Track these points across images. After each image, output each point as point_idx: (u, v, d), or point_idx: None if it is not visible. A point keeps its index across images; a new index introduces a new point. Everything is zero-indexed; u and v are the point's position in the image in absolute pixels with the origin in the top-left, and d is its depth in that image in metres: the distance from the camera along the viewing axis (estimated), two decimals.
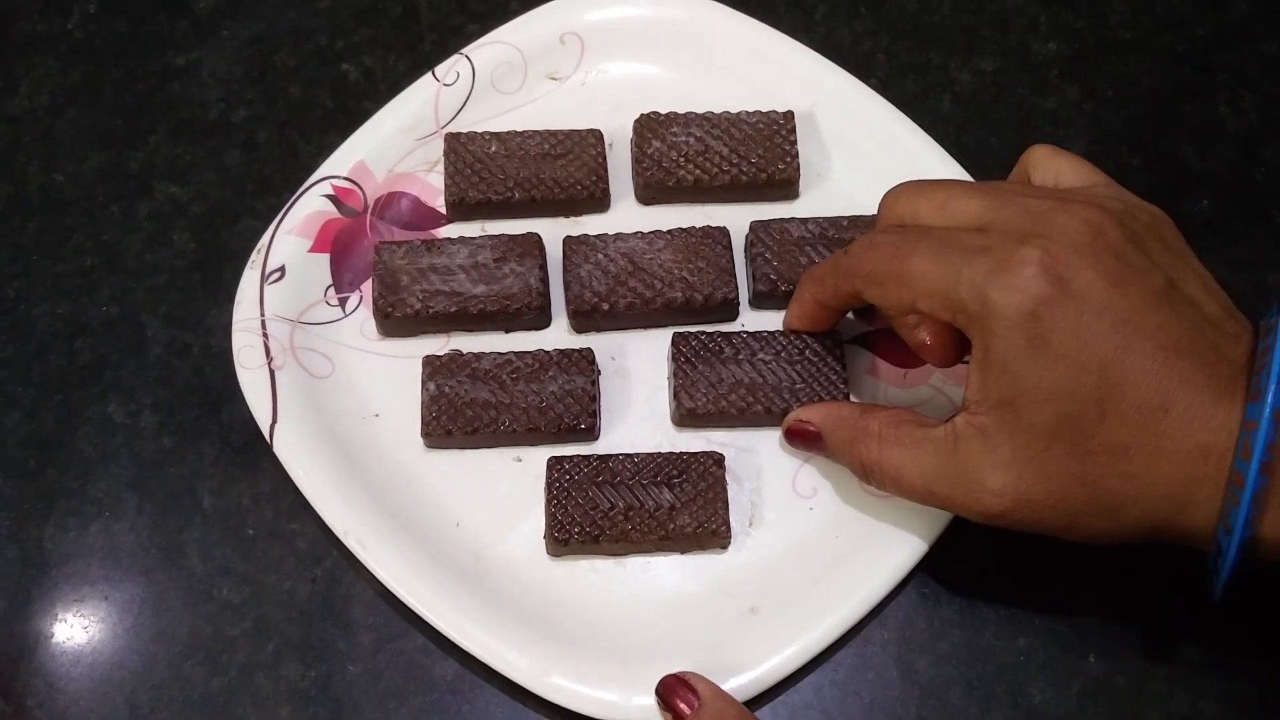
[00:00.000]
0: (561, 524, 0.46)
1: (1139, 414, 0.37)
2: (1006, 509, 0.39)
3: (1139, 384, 0.37)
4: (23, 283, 0.53)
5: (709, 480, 0.47)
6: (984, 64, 0.58)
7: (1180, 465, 0.37)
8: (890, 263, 0.41)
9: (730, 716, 0.42)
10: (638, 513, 0.46)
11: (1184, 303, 0.39)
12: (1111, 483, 0.38)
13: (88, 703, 0.45)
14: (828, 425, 0.45)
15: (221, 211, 0.54)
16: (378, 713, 0.45)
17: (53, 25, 0.58)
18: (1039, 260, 0.38)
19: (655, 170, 0.52)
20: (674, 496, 0.46)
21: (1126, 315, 0.37)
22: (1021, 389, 0.38)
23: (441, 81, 0.54)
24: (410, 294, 0.50)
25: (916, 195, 0.43)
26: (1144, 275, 0.38)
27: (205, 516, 0.48)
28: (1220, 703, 0.45)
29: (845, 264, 0.43)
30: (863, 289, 0.43)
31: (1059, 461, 0.38)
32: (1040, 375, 0.38)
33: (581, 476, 0.46)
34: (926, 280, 0.40)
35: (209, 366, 0.51)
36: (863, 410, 0.45)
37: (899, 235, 0.42)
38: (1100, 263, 0.38)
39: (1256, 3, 0.59)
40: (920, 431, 0.42)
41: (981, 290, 0.38)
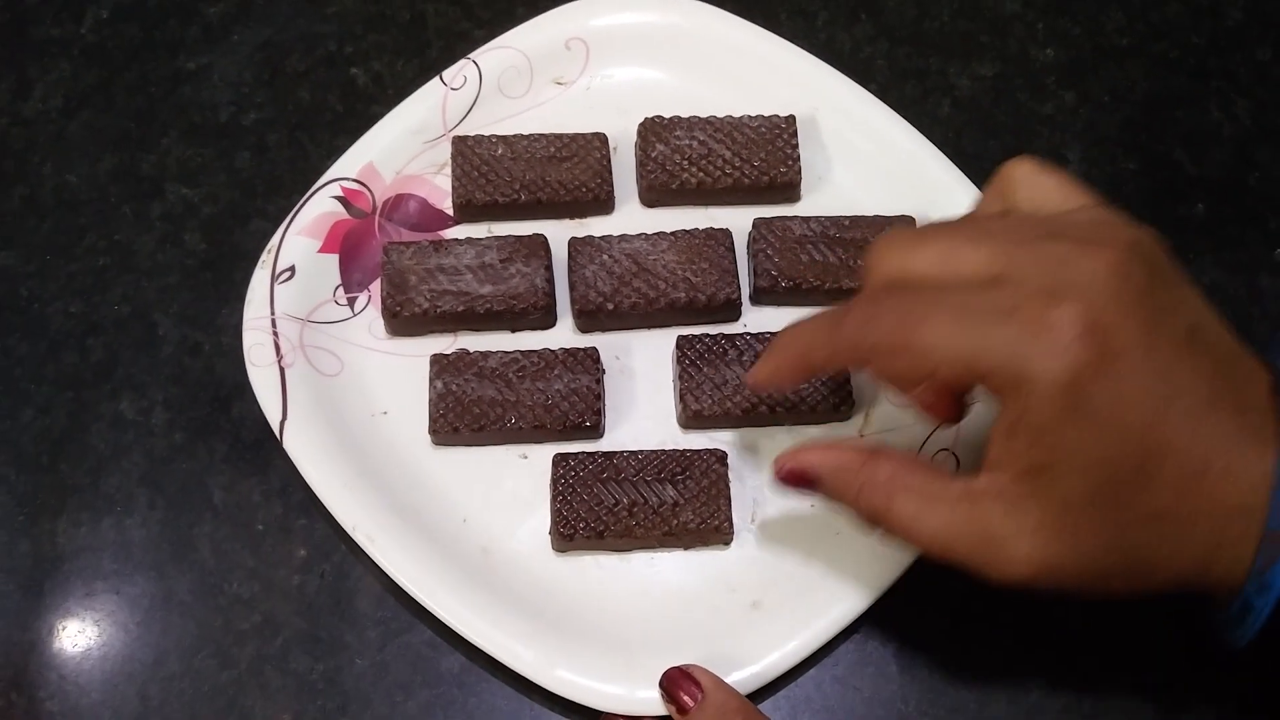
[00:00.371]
0: (567, 520, 0.46)
1: (1179, 478, 0.35)
2: (1032, 576, 0.37)
3: (1179, 446, 0.35)
4: (36, 282, 0.53)
5: (712, 477, 0.47)
6: (983, 69, 0.59)
7: (1217, 525, 0.35)
8: (900, 333, 0.37)
9: (732, 708, 0.43)
10: (641, 509, 0.47)
11: (1208, 345, 0.36)
12: (1146, 549, 0.36)
13: (99, 695, 0.46)
14: (827, 469, 0.41)
15: (232, 212, 0.55)
16: (385, 705, 0.46)
17: (66, 29, 0.59)
18: (1079, 320, 0.34)
19: (659, 173, 0.53)
20: (677, 493, 0.47)
21: (1164, 370, 0.35)
22: (1058, 457, 0.35)
23: (449, 86, 0.55)
24: (418, 293, 0.50)
25: (911, 249, 0.39)
26: (1171, 318, 0.36)
27: (215, 512, 0.49)
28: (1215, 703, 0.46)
29: (844, 335, 0.39)
30: (867, 361, 0.39)
31: (1093, 531, 0.36)
32: (1079, 444, 0.35)
33: (586, 473, 0.47)
34: (946, 350, 0.36)
35: (219, 364, 0.52)
36: (868, 455, 0.40)
37: (902, 299, 0.38)
38: (1135, 313, 0.35)
39: (1250, 11, 0.60)
40: (935, 484, 0.39)
41: (1016, 357, 0.35)
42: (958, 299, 0.36)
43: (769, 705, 0.46)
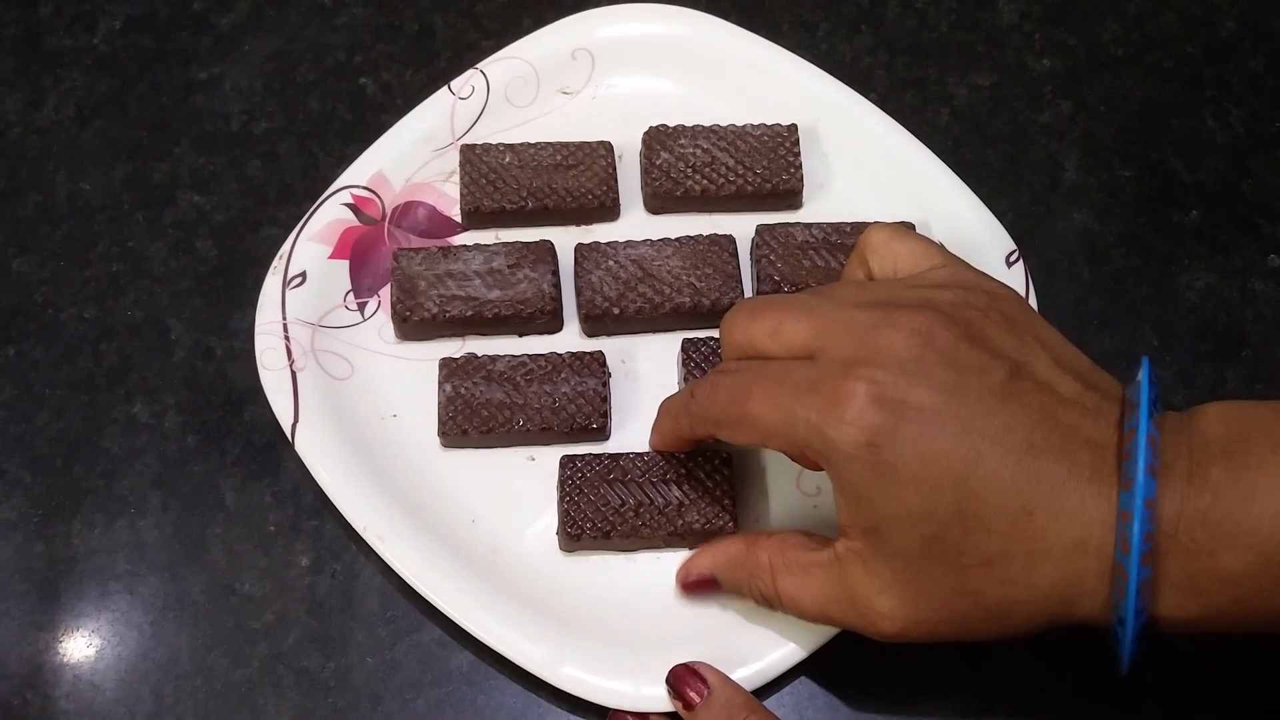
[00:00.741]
0: (574, 520, 0.47)
1: (1003, 522, 0.36)
2: (901, 630, 0.39)
3: (996, 491, 0.36)
4: (51, 288, 0.54)
5: (716, 479, 0.48)
6: (981, 79, 0.60)
7: (1059, 563, 0.36)
8: (730, 407, 0.41)
9: (738, 704, 0.43)
10: (647, 509, 0.47)
11: (1031, 391, 0.37)
12: (994, 592, 0.37)
13: (114, 693, 0.47)
14: (719, 567, 0.44)
15: (243, 220, 0.56)
16: (395, 702, 0.47)
17: (79, 40, 0.60)
18: (865, 392, 0.37)
19: (664, 180, 0.54)
20: (682, 494, 0.48)
21: (969, 424, 0.36)
22: (881, 517, 0.37)
23: (457, 95, 0.56)
24: (427, 299, 0.51)
25: (749, 321, 0.42)
26: (982, 374, 0.37)
27: (228, 513, 0.50)
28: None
29: (694, 408, 0.43)
30: (714, 432, 0.43)
31: (937, 580, 0.38)
32: (894, 503, 0.37)
33: (593, 474, 0.48)
34: (767, 423, 0.39)
35: (231, 369, 0.52)
36: (749, 543, 0.43)
37: (736, 376, 0.41)
38: (930, 376, 0.37)
39: (1243, 22, 0.61)
40: (807, 556, 0.41)
41: (817, 429, 0.37)
42: (776, 373, 0.40)
43: (774, 701, 0.46)
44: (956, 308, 0.39)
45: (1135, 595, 0.35)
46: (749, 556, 0.43)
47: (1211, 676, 0.47)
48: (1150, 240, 0.56)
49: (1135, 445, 0.35)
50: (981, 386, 0.37)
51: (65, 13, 0.61)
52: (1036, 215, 0.56)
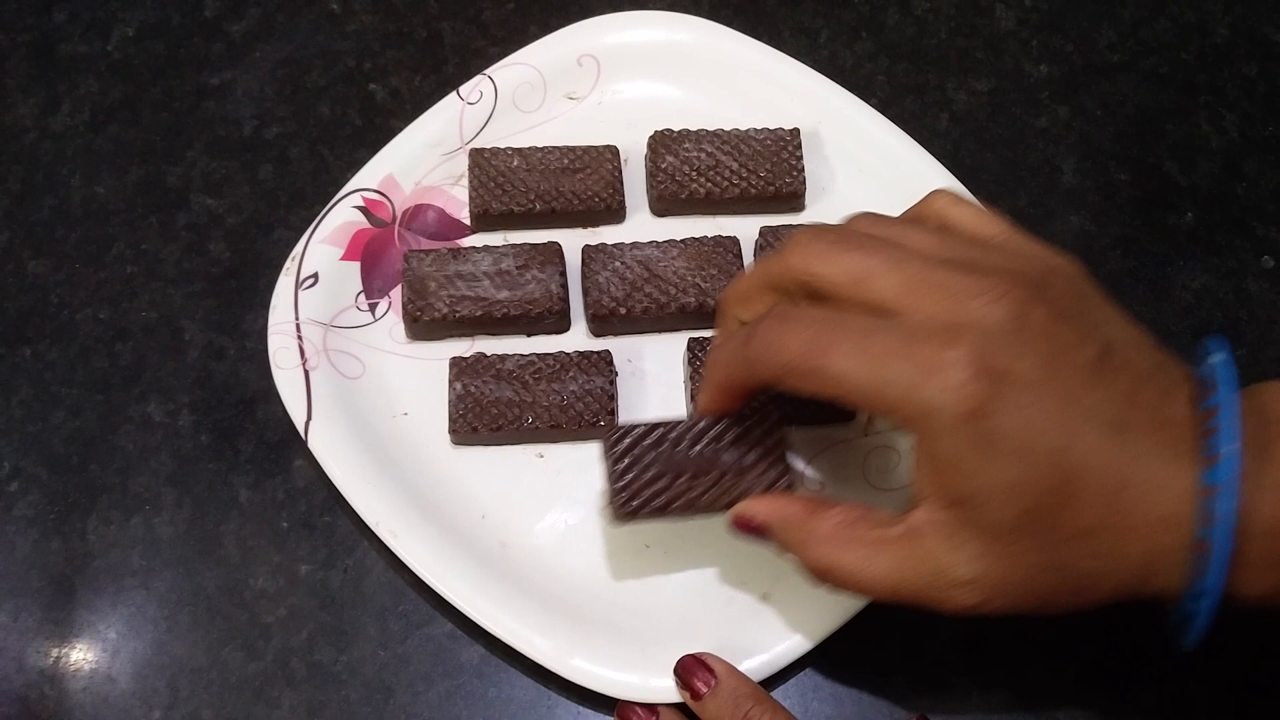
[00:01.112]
0: (628, 497, 0.44)
1: (1097, 497, 0.36)
2: (981, 602, 0.38)
3: (1094, 466, 0.36)
4: (66, 289, 0.55)
5: (771, 441, 0.45)
6: (979, 85, 0.61)
7: (1146, 539, 0.36)
8: (808, 358, 0.38)
9: (745, 694, 0.44)
10: (704, 479, 0.45)
11: (1118, 369, 0.37)
12: (1083, 564, 0.37)
13: (129, 686, 0.48)
14: (774, 523, 0.43)
15: (255, 222, 0.57)
16: (407, 695, 0.47)
17: (93, 47, 0.61)
18: (968, 361, 0.36)
19: (669, 184, 0.55)
20: (738, 456, 0.45)
21: (1067, 398, 0.36)
22: (976, 486, 0.37)
23: (465, 100, 0.57)
24: (438, 299, 0.52)
25: (827, 257, 0.40)
26: (1075, 350, 0.37)
27: (241, 510, 0.51)
28: (1213, 685, 0.48)
29: (754, 352, 0.40)
30: (779, 380, 0.40)
31: (1028, 552, 0.37)
32: (992, 474, 0.36)
33: (642, 447, 0.45)
34: (852, 381, 0.37)
35: (244, 368, 0.53)
36: (811, 510, 0.42)
37: (809, 325, 0.39)
38: (1029, 348, 0.36)
39: (1236, 28, 0.62)
40: (875, 532, 0.40)
41: (913, 395, 0.36)
42: (861, 329, 0.38)
43: (780, 692, 0.47)
44: (1042, 282, 0.38)
45: (1219, 570, 0.35)
46: (808, 524, 0.41)
47: (1207, 667, 0.47)
48: (1146, 242, 0.57)
49: (1221, 421, 0.36)
50: (1075, 363, 0.37)
51: (80, 20, 0.62)
52: (1034, 218, 0.57)
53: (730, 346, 0.42)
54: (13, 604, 0.49)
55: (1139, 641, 0.48)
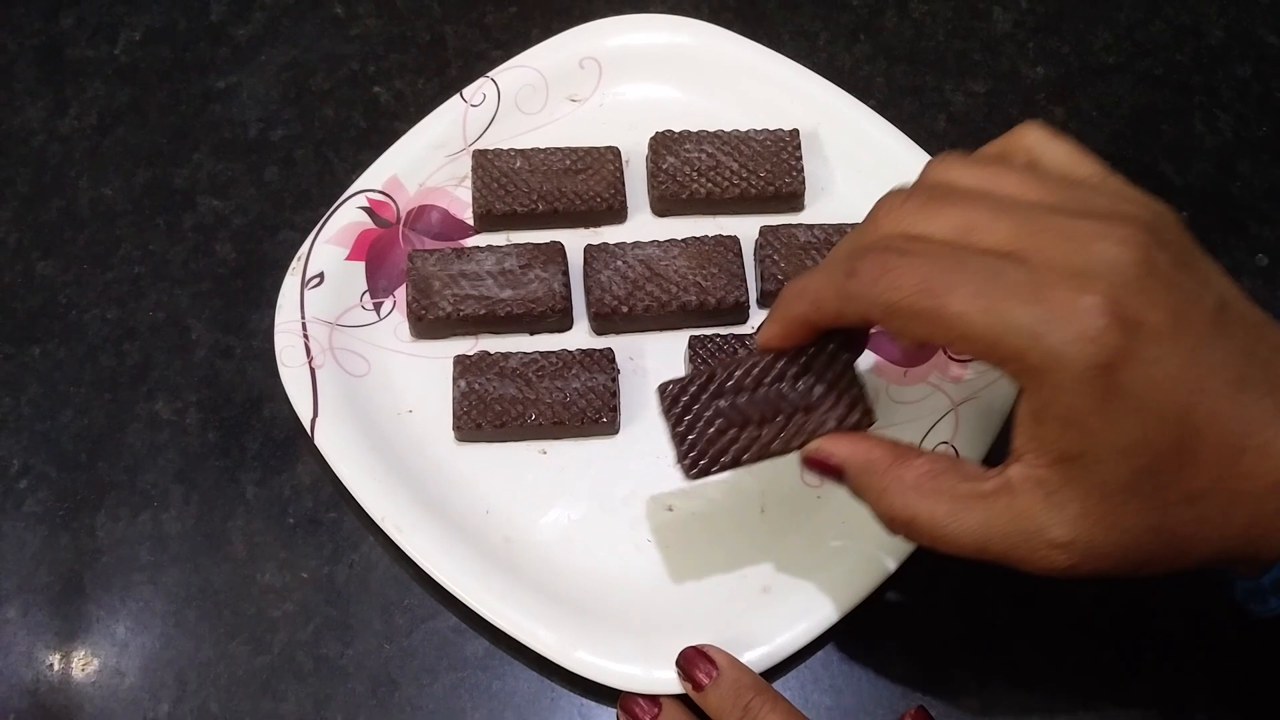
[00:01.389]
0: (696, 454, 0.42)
1: (1216, 458, 0.34)
2: (1074, 565, 0.36)
3: (1215, 426, 0.34)
4: (74, 290, 0.56)
5: (839, 370, 0.42)
6: (976, 86, 0.61)
7: (1255, 503, 0.35)
8: (921, 298, 0.35)
9: (746, 685, 0.45)
10: (772, 423, 0.42)
11: (1236, 322, 0.36)
12: (1187, 529, 0.35)
13: (137, 679, 0.48)
14: (854, 465, 0.40)
15: (261, 223, 0.57)
16: (412, 688, 0.48)
17: (100, 51, 0.62)
18: (1104, 308, 0.33)
19: (670, 184, 0.56)
20: (805, 391, 0.42)
21: (1193, 353, 0.34)
22: (1092, 445, 0.34)
23: (469, 102, 0.58)
24: (442, 298, 0.53)
25: (928, 211, 0.37)
26: (1198, 300, 0.35)
27: (248, 506, 0.51)
28: (1205, 674, 0.48)
29: (858, 287, 0.37)
30: (880, 319, 0.37)
31: (1134, 515, 0.35)
32: (1115, 430, 0.34)
33: (701, 402, 0.42)
34: (971, 325, 0.34)
35: (250, 367, 0.54)
36: (896, 456, 0.39)
37: (925, 260, 0.36)
38: (1161, 298, 0.34)
39: (1230, 30, 0.63)
40: (966, 486, 0.38)
41: (1040, 341, 0.34)
42: (983, 269, 0.35)
43: (781, 684, 0.48)
44: (1155, 225, 0.36)
45: None
46: (893, 470, 0.39)
47: (1203, 658, 0.48)
48: None
49: None
50: (1199, 314, 0.35)
51: (87, 24, 0.63)
52: None
53: (821, 278, 0.39)
54: (22, 599, 0.49)
55: (1135, 633, 0.48)
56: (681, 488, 0.51)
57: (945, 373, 0.52)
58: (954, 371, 0.52)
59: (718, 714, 0.45)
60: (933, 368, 0.53)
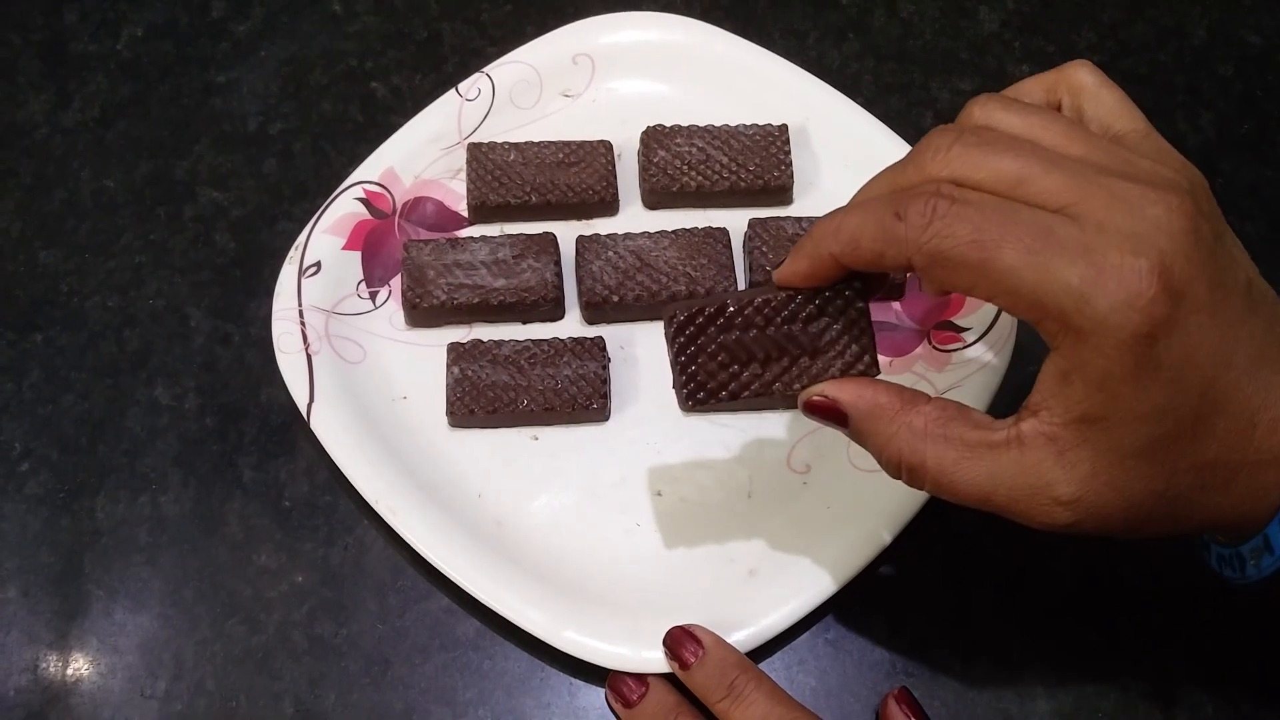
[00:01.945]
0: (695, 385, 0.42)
1: (1230, 431, 0.35)
2: (1074, 522, 0.36)
3: (1235, 399, 0.35)
4: (76, 278, 0.57)
5: (852, 315, 0.41)
6: (963, 84, 0.63)
7: (1257, 474, 0.36)
8: (973, 249, 0.35)
9: (731, 664, 0.45)
10: (777, 361, 0.42)
11: (1260, 299, 0.36)
12: (1190, 494, 0.36)
13: (135, 657, 0.49)
14: (860, 410, 0.40)
15: (260, 214, 0.58)
16: (405, 667, 0.49)
17: (103, 46, 0.63)
18: (1157, 276, 0.33)
19: (660, 177, 0.57)
20: (815, 334, 0.41)
21: (1227, 327, 0.35)
22: (1117, 408, 0.35)
23: (464, 97, 0.59)
24: (436, 287, 0.54)
25: (980, 157, 0.36)
26: (1232, 275, 0.35)
27: (245, 489, 0.52)
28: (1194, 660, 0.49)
29: (902, 232, 0.36)
30: (924, 266, 0.36)
31: (1143, 480, 0.35)
32: (1142, 397, 0.34)
33: (708, 335, 0.42)
34: (1019, 280, 0.34)
35: (249, 354, 0.55)
36: (904, 400, 0.39)
37: (978, 210, 0.35)
38: (1204, 269, 0.34)
39: (1213, 31, 0.64)
40: (975, 434, 0.37)
41: (1086, 302, 0.34)
42: (1035, 224, 0.35)
43: (766, 665, 0.49)
44: (1195, 193, 0.36)
45: None
46: (901, 416, 0.38)
47: (1183, 641, 0.49)
48: None
49: None
50: (1234, 289, 0.35)
51: (90, 20, 0.64)
52: None
53: (858, 217, 0.38)
54: (23, 579, 0.50)
55: (1117, 617, 0.49)
56: (670, 473, 0.52)
57: (929, 363, 0.53)
58: (938, 360, 0.53)
59: (703, 693, 0.46)
60: (917, 358, 0.54)
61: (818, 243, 0.39)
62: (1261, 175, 0.60)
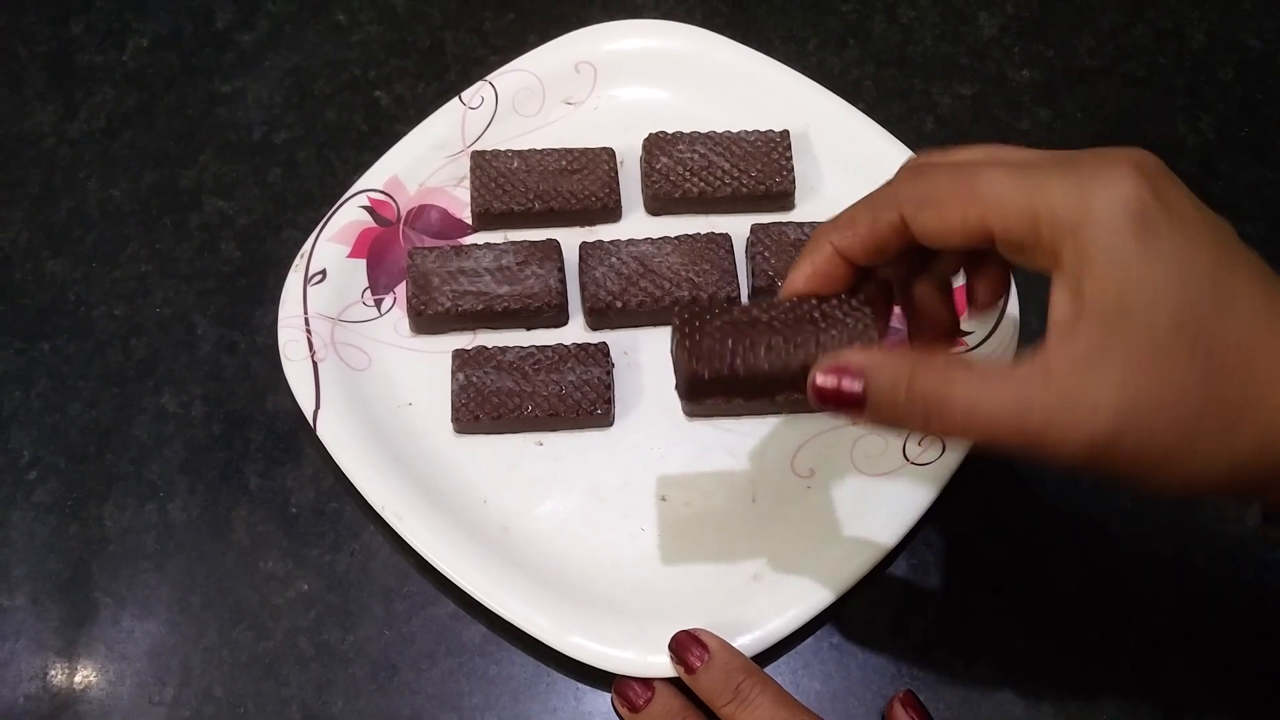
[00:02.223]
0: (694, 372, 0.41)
1: (1252, 316, 0.35)
2: (1118, 428, 0.34)
3: (1248, 289, 0.35)
4: (83, 287, 0.57)
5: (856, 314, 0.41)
6: (963, 89, 0.63)
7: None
8: (954, 182, 0.37)
9: (736, 668, 0.46)
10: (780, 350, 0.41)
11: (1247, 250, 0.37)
12: (1232, 390, 0.34)
13: (144, 664, 0.49)
14: (876, 368, 0.38)
15: (265, 223, 0.59)
16: (411, 672, 0.49)
17: (109, 57, 0.64)
18: (1134, 172, 0.35)
19: (663, 183, 0.57)
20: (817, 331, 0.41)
21: (1215, 239, 0.36)
22: (1134, 290, 0.34)
23: (467, 105, 0.59)
24: (441, 294, 0.54)
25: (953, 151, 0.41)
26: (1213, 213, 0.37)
27: (252, 496, 0.52)
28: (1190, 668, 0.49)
29: (888, 193, 0.39)
30: (913, 215, 0.38)
31: (1180, 366, 0.34)
32: (1155, 274, 0.34)
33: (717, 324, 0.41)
34: (1003, 194, 0.36)
35: (254, 362, 0.55)
36: (920, 350, 0.40)
37: (952, 163, 0.39)
38: (1182, 189, 0.36)
39: (1212, 34, 0.65)
40: (994, 366, 0.37)
41: (1078, 195, 0.35)
42: (1012, 159, 0.38)
43: (771, 669, 0.49)
44: None
45: None
46: (920, 360, 0.38)
47: (1182, 643, 0.49)
48: None
49: None
50: (1214, 217, 0.36)
51: (96, 31, 0.64)
52: None
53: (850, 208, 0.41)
54: (32, 586, 0.51)
55: (1118, 618, 0.50)
56: (675, 478, 0.52)
57: None
58: None
59: (709, 696, 0.46)
60: None
61: (817, 238, 0.41)
62: (1261, 177, 0.60)
